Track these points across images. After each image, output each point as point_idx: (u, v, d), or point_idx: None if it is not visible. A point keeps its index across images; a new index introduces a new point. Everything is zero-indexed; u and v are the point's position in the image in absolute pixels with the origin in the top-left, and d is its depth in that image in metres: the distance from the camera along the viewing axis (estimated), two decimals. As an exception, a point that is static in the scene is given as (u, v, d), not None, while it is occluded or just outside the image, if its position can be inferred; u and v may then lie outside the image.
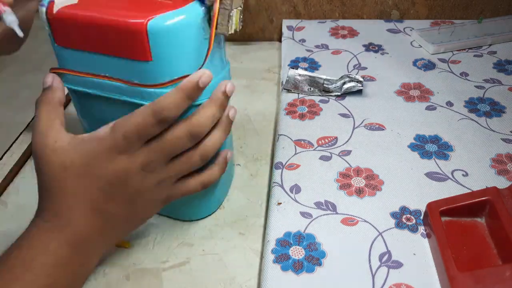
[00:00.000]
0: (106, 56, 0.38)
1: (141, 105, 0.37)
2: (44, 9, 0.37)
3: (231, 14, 0.36)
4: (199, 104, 0.38)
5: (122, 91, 0.39)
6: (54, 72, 0.40)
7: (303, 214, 0.45)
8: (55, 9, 0.37)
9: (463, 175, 0.49)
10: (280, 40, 0.78)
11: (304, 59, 0.69)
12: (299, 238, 0.43)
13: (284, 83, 0.63)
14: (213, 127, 0.39)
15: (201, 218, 0.48)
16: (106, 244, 0.39)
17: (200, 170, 0.41)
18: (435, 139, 0.53)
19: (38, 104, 0.38)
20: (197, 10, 0.36)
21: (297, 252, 0.42)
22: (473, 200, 0.42)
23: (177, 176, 0.39)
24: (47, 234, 0.35)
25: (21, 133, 0.60)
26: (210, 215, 0.48)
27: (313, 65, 0.68)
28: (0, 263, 0.34)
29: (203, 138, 0.38)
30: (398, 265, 0.41)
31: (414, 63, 0.67)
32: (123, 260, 0.44)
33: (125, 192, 0.37)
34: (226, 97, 0.38)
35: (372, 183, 0.48)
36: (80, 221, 0.36)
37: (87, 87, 0.40)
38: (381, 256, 0.41)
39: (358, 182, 0.48)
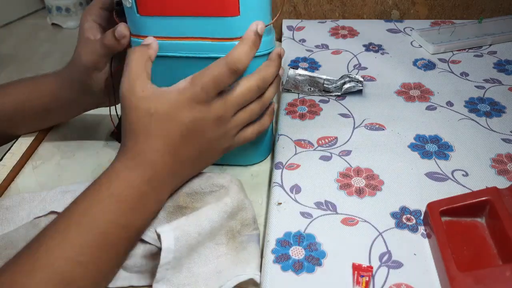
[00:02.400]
0: (194, 18, 0.42)
1: None
2: None
3: None
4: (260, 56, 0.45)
5: (208, 48, 0.44)
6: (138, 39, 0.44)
7: (303, 214, 0.45)
8: None
9: (463, 175, 0.49)
10: (280, 40, 0.78)
11: (304, 59, 0.69)
12: (299, 238, 0.43)
13: (284, 83, 0.63)
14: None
15: (256, 163, 0.54)
16: (174, 186, 0.44)
17: (254, 121, 0.47)
18: (435, 139, 0.53)
19: (131, 54, 0.42)
20: None
21: (297, 252, 0.42)
22: (473, 200, 0.42)
23: (240, 126, 0.45)
24: (131, 172, 0.40)
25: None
26: (263, 160, 0.55)
27: (313, 65, 0.68)
28: (90, 191, 0.39)
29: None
30: (398, 265, 0.41)
31: (414, 63, 0.67)
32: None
33: (199, 139, 0.42)
34: (280, 59, 0.46)
35: (372, 183, 0.48)
36: (159, 161, 0.41)
37: (170, 51, 0.45)
38: (381, 256, 0.41)
39: (358, 182, 0.48)
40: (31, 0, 2.16)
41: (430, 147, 0.52)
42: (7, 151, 0.57)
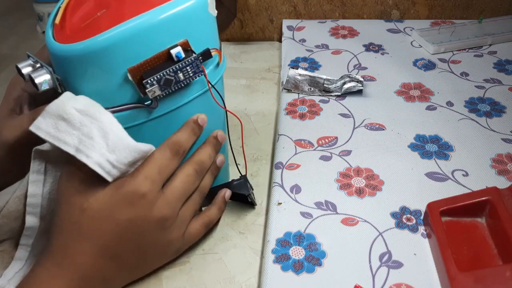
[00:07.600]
0: None
1: None
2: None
3: None
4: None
5: None
6: None
7: (303, 214, 0.45)
8: None
9: (463, 175, 0.49)
10: (280, 40, 0.78)
11: (304, 59, 0.69)
12: (299, 238, 0.43)
13: (284, 83, 0.63)
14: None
15: None
16: None
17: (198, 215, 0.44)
18: (435, 139, 0.53)
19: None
20: None
21: (297, 252, 0.42)
22: (473, 200, 0.42)
23: (187, 222, 0.41)
24: (55, 280, 0.35)
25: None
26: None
27: (313, 65, 0.68)
28: None
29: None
30: (398, 265, 0.41)
31: (414, 63, 0.67)
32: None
33: (139, 241, 0.38)
34: (218, 142, 0.43)
35: (372, 183, 0.48)
36: (89, 265, 0.36)
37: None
38: (381, 256, 0.41)
39: (358, 182, 0.48)
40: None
41: (430, 147, 0.52)
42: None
